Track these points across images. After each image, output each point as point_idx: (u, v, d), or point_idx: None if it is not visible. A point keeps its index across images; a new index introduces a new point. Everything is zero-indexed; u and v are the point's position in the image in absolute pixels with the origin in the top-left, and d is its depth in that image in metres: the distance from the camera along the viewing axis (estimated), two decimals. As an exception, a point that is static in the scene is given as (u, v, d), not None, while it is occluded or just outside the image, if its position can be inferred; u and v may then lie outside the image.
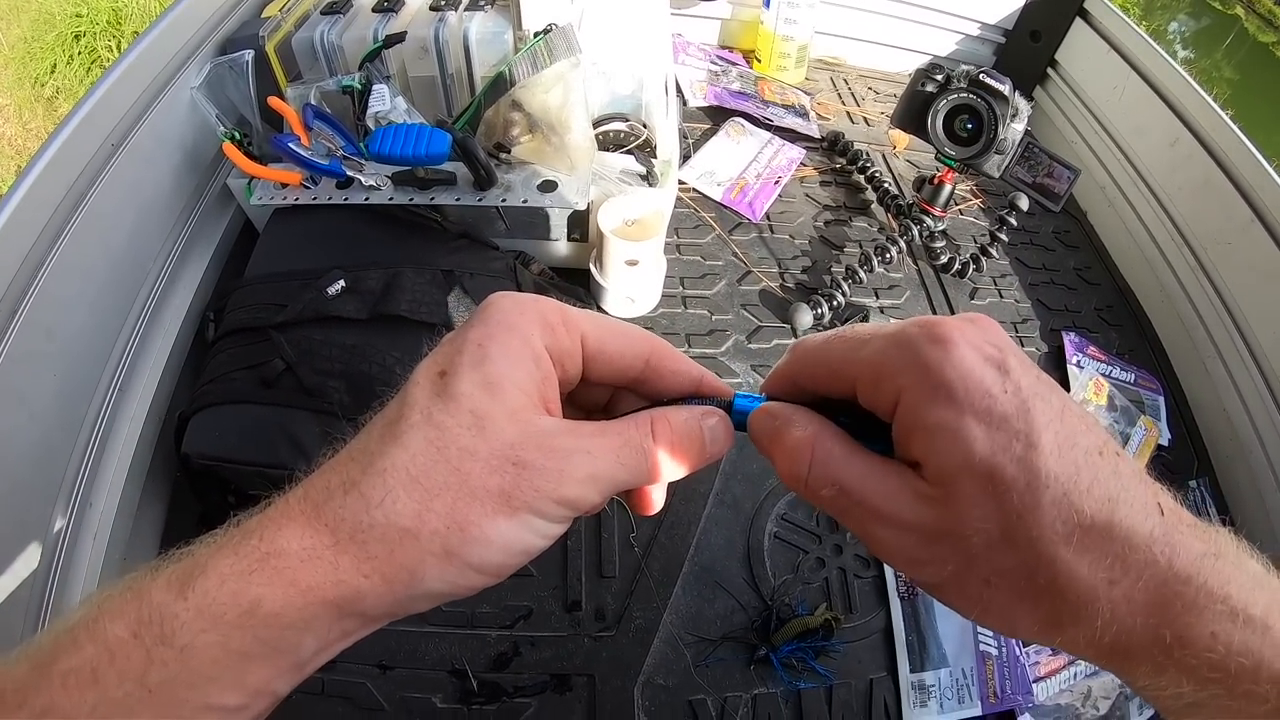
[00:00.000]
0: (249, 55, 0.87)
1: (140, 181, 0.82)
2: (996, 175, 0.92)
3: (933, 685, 0.70)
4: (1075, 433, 0.24)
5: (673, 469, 0.28)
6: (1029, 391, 0.24)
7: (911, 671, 0.71)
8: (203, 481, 0.74)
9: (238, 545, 0.24)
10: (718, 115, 1.16)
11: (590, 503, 0.27)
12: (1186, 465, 0.92)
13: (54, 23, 2.67)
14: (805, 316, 0.89)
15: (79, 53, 2.64)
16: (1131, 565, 0.23)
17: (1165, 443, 0.92)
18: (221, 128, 0.86)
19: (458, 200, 0.78)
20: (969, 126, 0.90)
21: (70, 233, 0.72)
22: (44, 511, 0.68)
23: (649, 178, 0.82)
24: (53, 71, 2.62)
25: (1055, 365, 0.95)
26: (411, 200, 0.78)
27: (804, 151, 1.13)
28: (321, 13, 0.90)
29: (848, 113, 1.24)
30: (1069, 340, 0.97)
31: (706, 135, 1.13)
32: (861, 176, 1.09)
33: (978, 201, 1.13)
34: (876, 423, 0.27)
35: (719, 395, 0.30)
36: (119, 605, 0.23)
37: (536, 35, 0.81)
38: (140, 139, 0.80)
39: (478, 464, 0.25)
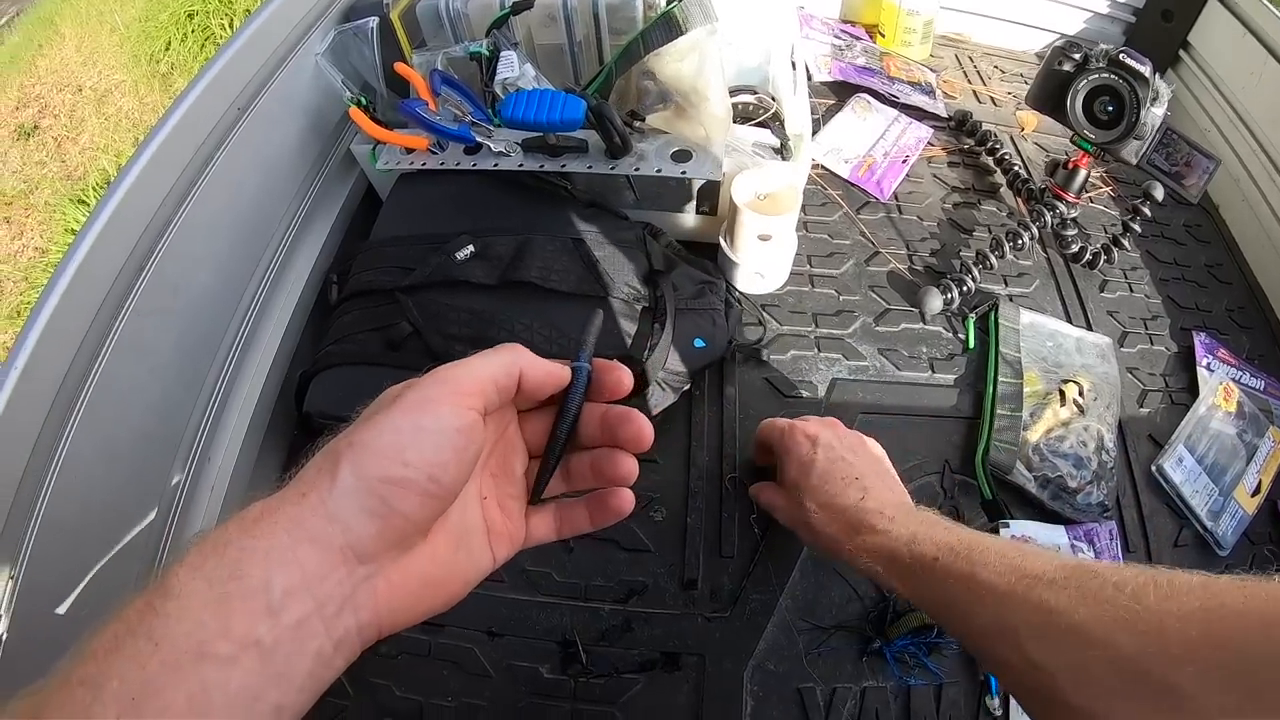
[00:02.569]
0: (373, 22, 0.86)
1: (266, 145, 0.82)
2: (1134, 162, 0.86)
3: (1041, 693, 0.66)
4: (833, 465, 0.59)
5: (528, 365, 0.36)
6: (821, 453, 0.60)
7: (1022, 677, 0.67)
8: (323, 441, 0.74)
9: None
10: (842, 91, 1.11)
11: (477, 382, 0.33)
12: (1311, 481, 0.84)
13: (167, 2, 2.73)
14: (935, 301, 0.84)
15: (192, 30, 2.72)
16: (837, 515, 0.56)
17: (1292, 456, 0.85)
18: (347, 93, 0.85)
19: (589, 168, 0.75)
20: (1109, 109, 0.84)
21: (197, 193, 0.72)
22: (164, 464, 0.69)
23: (782, 151, 0.78)
24: (167, 49, 2.70)
25: (1184, 366, 0.88)
26: (542, 167, 0.76)
27: (931, 130, 1.07)
28: (447, -20, 0.89)
29: (974, 92, 1.17)
30: (1199, 341, 0.90)
31: (831, 111, 1.08)
32: (990, 159, 1.02)
33: (1108, 189, 1.05)
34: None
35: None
36: (141, 590, 0.27)
37: (670, 2, 0.78)
38: (266, 104, 0.80)
39: (405, 394, 0.32)
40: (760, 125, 0.82)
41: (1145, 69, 0.80)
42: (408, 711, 0.64)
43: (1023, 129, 1.10)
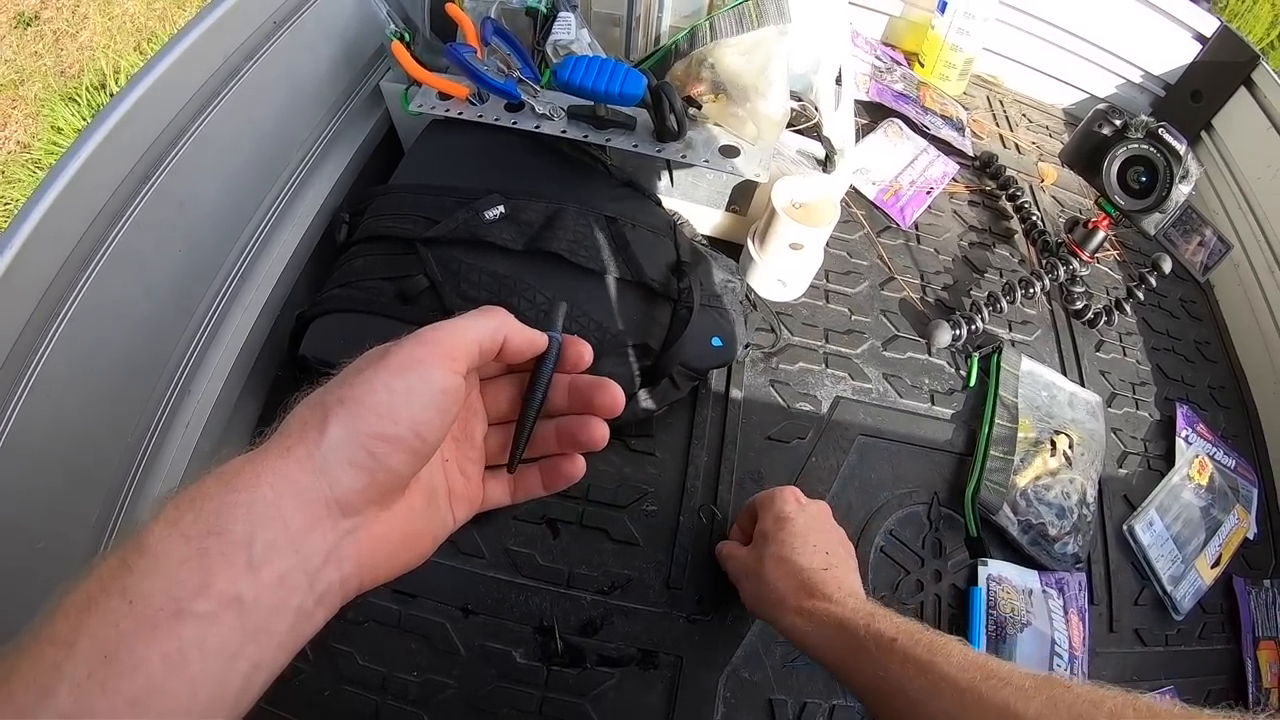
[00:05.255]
0: (428, -44, 0.80)
1: (297, 66, 0.75)
2: (1152, 233, 0.84)
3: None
4: (810, 532, 0.56)
5: (513, 332, 0.35)
6: (804, 516, 0.58)
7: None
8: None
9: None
10: (876, 112, 1.07)
11: (463, 344, 0.32)
12: (1264, 563, 0.84)
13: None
14: (945, 335, 0.81)
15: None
16: (793, 572, 0.52)
17: (1251, 536, 0.85)
18: (392, 25, 0.79)
19: (634, 147, 0.70)
20: (1142, 179, 0.83)
21: (219, 105, 0.66)
22: (143, 391, 0.63)
23: (826, 163, 0.74)
24: (182, -47, 2.53)
25: (1164, 434, 0.87)
26: (585, 137, 0.70)
27: (957, 167, 1.04)
28: (508, -75, 0.82)
29: (1000, 135, 1.15)
30: (1181, 413, 0.89)
31: (863, 131, 1.04)
32: (1010, 204, 1.00)
33: (1115, 253, 1.04)
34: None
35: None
36: (116, 547, 0.25)
37: (747, -7, 0.73)
38: (304, 22, 0.74)
39: (392, 353, 0.31)
40: (801, 133, 0.78)
41: (1181, 147, 0.79)
42: (369, 682, 0.60)
43: (1043, 180, 1.08)
